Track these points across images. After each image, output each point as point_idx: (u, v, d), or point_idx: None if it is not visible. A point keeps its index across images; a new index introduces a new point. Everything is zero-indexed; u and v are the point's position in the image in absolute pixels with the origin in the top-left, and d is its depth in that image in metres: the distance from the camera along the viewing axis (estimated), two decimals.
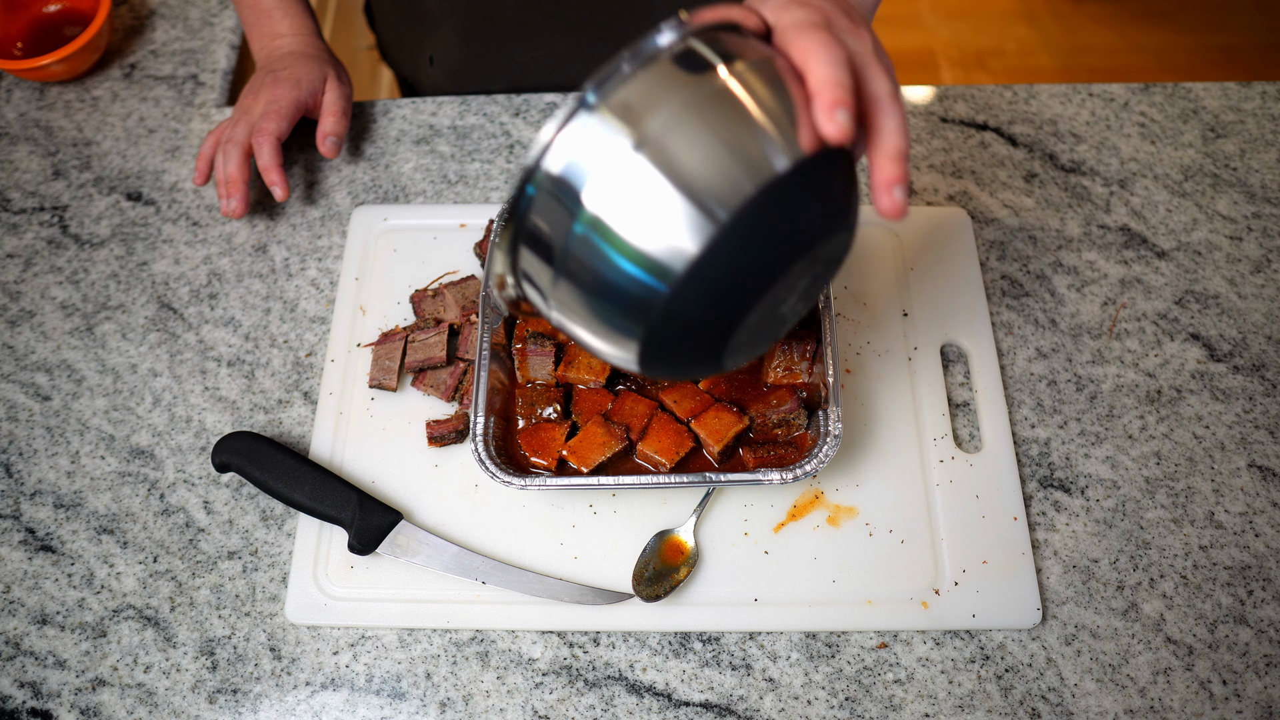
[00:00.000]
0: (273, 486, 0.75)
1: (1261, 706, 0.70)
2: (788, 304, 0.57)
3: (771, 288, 0.53)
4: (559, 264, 0.53)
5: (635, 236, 0.50)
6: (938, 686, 0.71)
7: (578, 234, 0.51)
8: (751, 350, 0.59)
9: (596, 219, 0.50)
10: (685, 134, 0.49)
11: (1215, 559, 0.76)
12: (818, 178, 0.51)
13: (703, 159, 0.49)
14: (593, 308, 0.54)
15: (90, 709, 0.72)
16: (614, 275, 0.51)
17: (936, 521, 0.76)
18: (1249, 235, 0.90)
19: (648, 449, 0.75)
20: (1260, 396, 0.82)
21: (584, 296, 0.53)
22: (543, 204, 0.52)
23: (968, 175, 0.94)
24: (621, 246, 0.50)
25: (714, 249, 0.49)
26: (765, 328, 0.57)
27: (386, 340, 0.84)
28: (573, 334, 0.58)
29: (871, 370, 0.83)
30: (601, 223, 0.50)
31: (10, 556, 0.78)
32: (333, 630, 0.74)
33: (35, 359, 0.87)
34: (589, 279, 0.52)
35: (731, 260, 0.50)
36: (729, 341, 0.55)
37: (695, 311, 0.52)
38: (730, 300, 0.52)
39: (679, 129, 0.49)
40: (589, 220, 0.51)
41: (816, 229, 0.52)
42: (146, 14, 1.08)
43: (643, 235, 0.50)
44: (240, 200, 0.87)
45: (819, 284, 0.59)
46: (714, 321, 0.53)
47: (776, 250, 0.51)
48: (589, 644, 0.73)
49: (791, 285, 0.55)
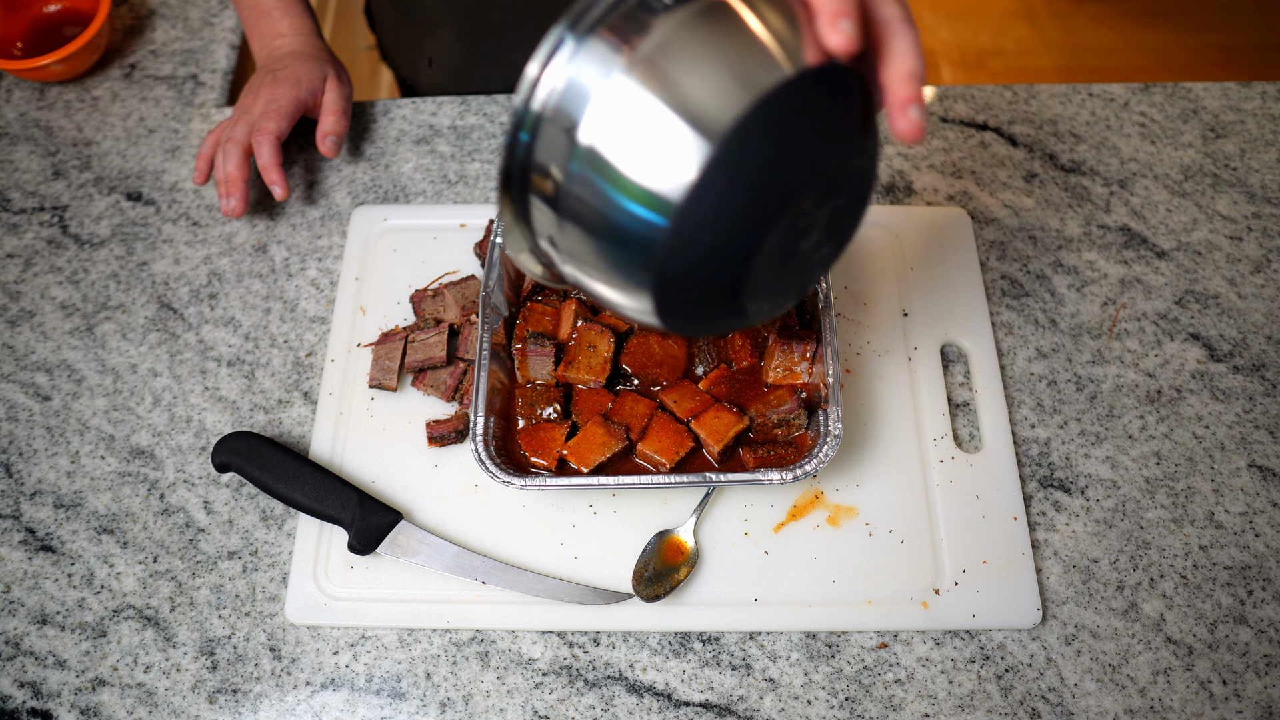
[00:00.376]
0: (273, 486, 0.75)
1: (1261, 706, 0.70)
2: (810, 240, 0.52)
3: (782, 214, 0.49)
4: (562, 208, 0.50)
5: (631, 167, 0.47)
6: (938, 686, 0.71)
7: (574, 172, 0.48)
8: (777, 296, 0.55)
9: (591, 152, 0.47)
10: (678, 52, 0.46)
11: (1215, 559, 0.76)
12: (824, 95, 0.48)
13: (698, 76, 0.46)
14: (599, 252, 0.50)
15: (90, 709, 0.72)
16: (614, 212, 0.48)
17: (936, 521, 0.76)
18: (1249, 235, 0.90)
19: (648, 449, 0.75)
20: (1260, 396, 0.82)
21: (589, 241, 0.50)
22: (540, 148, 0.49)
23: (968, 175, 0.94)
24: (618, 180, 0.47)
25: (714, 171, 0.46)
26: (787, 268, 0.53)
27: (386, 340, 0.84)
28: (590, 290, 0.54)
29: (871, 370, 0.83)
30: (597, 155, 0.47)
31: (10, 556, 0.78)
32: (333, 630, 0.74)
33: (35, 359, 0.87)
34: (591, 220, 0.49)
35: (733, 183, 0.46)
36: (746, 280, 0.51)
37: (702, 242, 0.48)
38: (737, 228, 0.48)
39: (671, 48, 0.46)
40: (584, 155, 0.47)
41: (827, 151, 0.49)
42: (146, 14, 1.08)
43: (639, 165, 0.47)
44: (240, 199, 0.87)
45: (844, 222, 0.54)
46: (724, 253, 0.49)
47: (783, 172, 0.47)
48: (589, 644, 0.73)
49: (810, 217, 0.50)
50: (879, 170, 0.53)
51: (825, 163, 0.49)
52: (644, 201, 0.47)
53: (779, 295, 0.55)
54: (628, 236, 0.48)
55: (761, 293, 0.53)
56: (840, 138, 0.50)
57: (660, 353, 0.79)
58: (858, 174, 0.52)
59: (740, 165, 0.46)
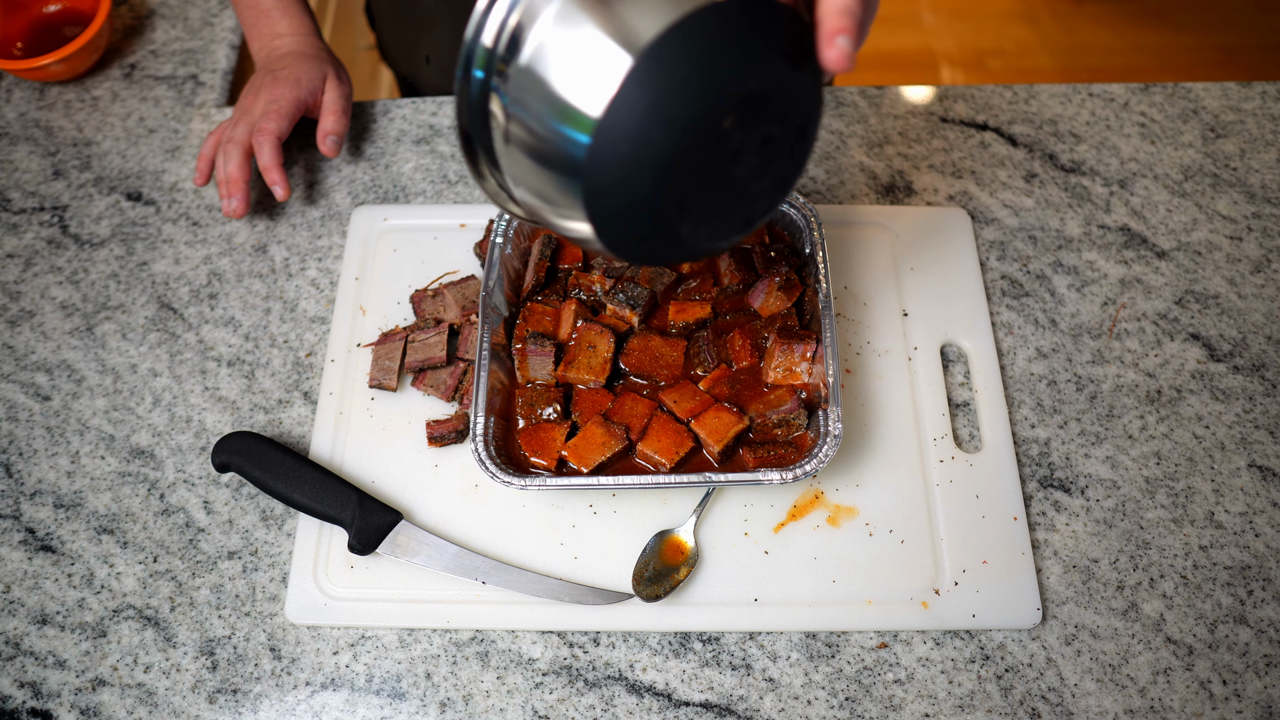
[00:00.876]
0: (273, 486, 0.75)
1: (1261, 706, 0.70)
2: (743, 166, 0.54)
3: (699, 131, 0.51)
4: (509, 135, 0.53)
5: (563, 85, 0.50)
6: (938, 686, 0.71)
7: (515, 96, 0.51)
8: (716, 224, 0.57)
9: (529, 73, 0.51)
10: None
11: (1215, 559, 0.76)
12: (748, 21, 0.50)
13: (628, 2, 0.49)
14: (538, 173, 0.53)
15: (90, 709, 0.72)
16: (547, 130, 0.51)
17: (936, 521, 0.76)
18: (1249, 235, 0.90)
19: (648, 449, 0.75)
20: (1260, 396, 0.82)
21: (530, 162, 0.53)
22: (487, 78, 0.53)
23: (968, 175, 0.94)
24: (551, 99, 0.50)
25: (631, 85, 0.48)
26: (723, 195, 0.55)
27: (386, 340, 0.84)
28: (543, 217, 0.57)
29: (871, 370, 0.83)
30: (534, 76, 0.50)
31: (10, 556, 0.78)
32: (333, 630, 0.74)
33: (35, 359, 0.87)
34: (530, 142, 0.52)
35: (650, 97, 0.49)
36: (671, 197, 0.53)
37: (621, 155, 0.50)
38: (654, 140, 0.50)
39: None
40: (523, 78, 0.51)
41: (745, 74, 0.51)
42: (146, 14, 1.08)
43: (569, 84, 0.50)
44: (241, 200, 0.87)
45: (783, 154, 0.56)
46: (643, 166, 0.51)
47: (698, 89, 0.50)
48: (589, 644, 0.73)
49: (735, 140, 0.53)
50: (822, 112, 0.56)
51: (744, 85, 0.51)
52: (570, 117, 0.50)
53: (719, 224, 0.57)
54: (559, 152, 0.51)
55: (696, 216, 0.55)
56: (762, 64, 0.52)
57: (660, 353, 0.79)
58: (790, 105, 0.54)
59: (656, 80, 0.49)
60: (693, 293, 0.83)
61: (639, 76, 0.48)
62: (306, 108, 0.92)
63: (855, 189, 0.93)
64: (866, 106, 0.98)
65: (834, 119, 0.97)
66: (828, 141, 0.96)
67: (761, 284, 0.81)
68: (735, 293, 0.83)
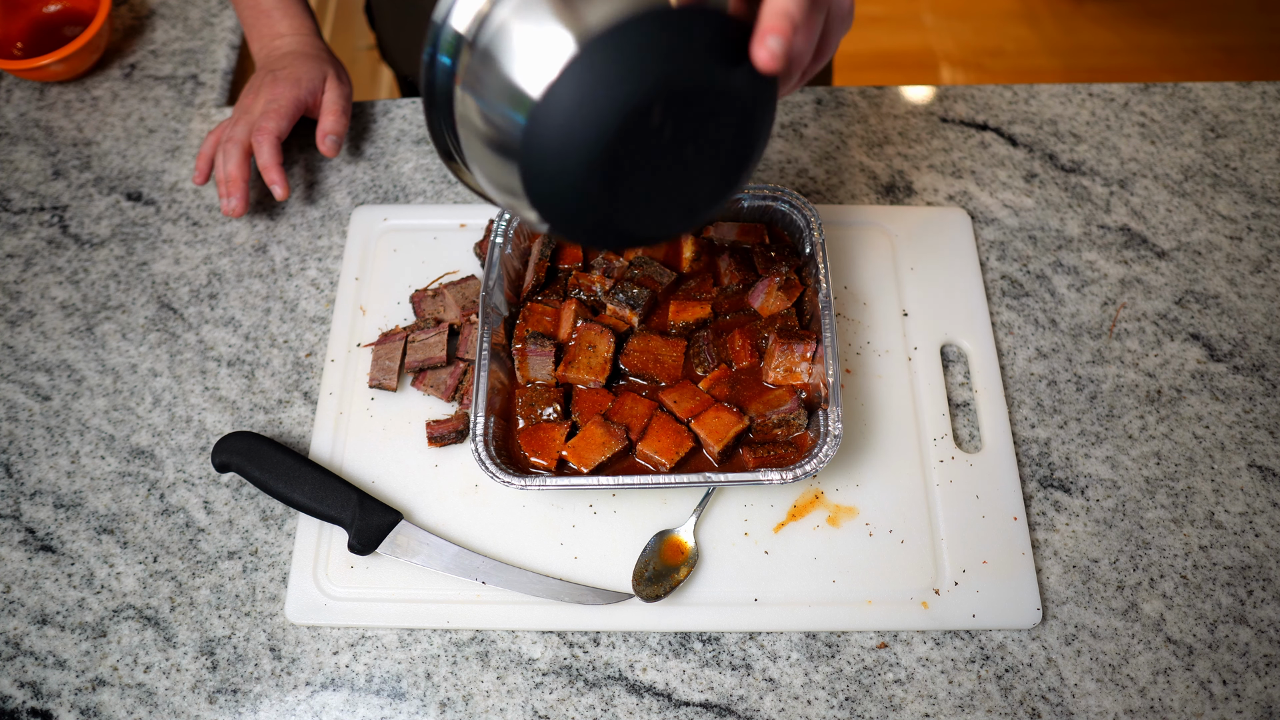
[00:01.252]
0: (273, 486, 0.75)
1: (1261, 706, 0.70)
2: (682, 157, 0.56)
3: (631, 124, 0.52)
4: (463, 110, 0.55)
5: (509, 68, 0.52)
6: (938, 686, 0.71)
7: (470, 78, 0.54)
8: (660, 216, 0.59)
9: (486, 55, 0.53)
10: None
11: (1215, 559, 0.76)
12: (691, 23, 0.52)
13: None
14: (481, 152, 0.56)
15: (90, 709, 0.72)
16: (493, 114, 0.53)
17: (936, 521, 0.76)
18: (1249, 235, 0.90)
19: (648, 449, 0.75)
20: (1260, 396, 0.82)
21: (476, 144, 0.55)
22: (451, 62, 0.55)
23: (968, 175, 0.94)
24: (499, 82, 0.53)
25: (566, 76, 0.51)
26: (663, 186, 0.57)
27: (386, 340, 0.84)
28: (492, 195, 0.59)
29: (871, 370, 0.83)
30: (488, 54, 0.53)
31: (10, 556, 0.78)
32: (333, 630, 0.74)
33: (35, 359, 0.87)
34: (480, 128, 0.54)
35: (580, 87, 0.51)
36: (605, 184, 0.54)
37: (555, 139, 0.52)
38: (585, 130, 0.52)
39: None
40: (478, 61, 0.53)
41: (682, 72, 0.53)
42: (146, 14, 1.08)
43: (516, 67, 0.52)
44: (240, 199, 0.87)
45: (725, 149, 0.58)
46: (577, 154, 0.53)
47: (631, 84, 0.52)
48: (589, 644, 0.73)
49: (675, 134, 0.54)
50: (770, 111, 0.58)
51: (674, 81, 0.53)
52: (515, 98, 0.53)
53: (660, 212, 0.59)
54: (504, 134, 0.54)
55: (632, 202, 0.57)
56: (694, 63, 0.53)
57: (660, 353, 0.79)
58: (725, 103, 0.56)
59: (592, 70, 0.51)
60: (693, 293, 0.83)
61: (579, 65, 0.51)
62: (306, 107, 0.92)
63: (855, 189, 0.93)
64: (866, 106, 0.98)
65: (834, 119, 0.97)
66: (828, 141, 0.96)
67: (761, 284, 0.81)
68: (735, 293, 0.83)
